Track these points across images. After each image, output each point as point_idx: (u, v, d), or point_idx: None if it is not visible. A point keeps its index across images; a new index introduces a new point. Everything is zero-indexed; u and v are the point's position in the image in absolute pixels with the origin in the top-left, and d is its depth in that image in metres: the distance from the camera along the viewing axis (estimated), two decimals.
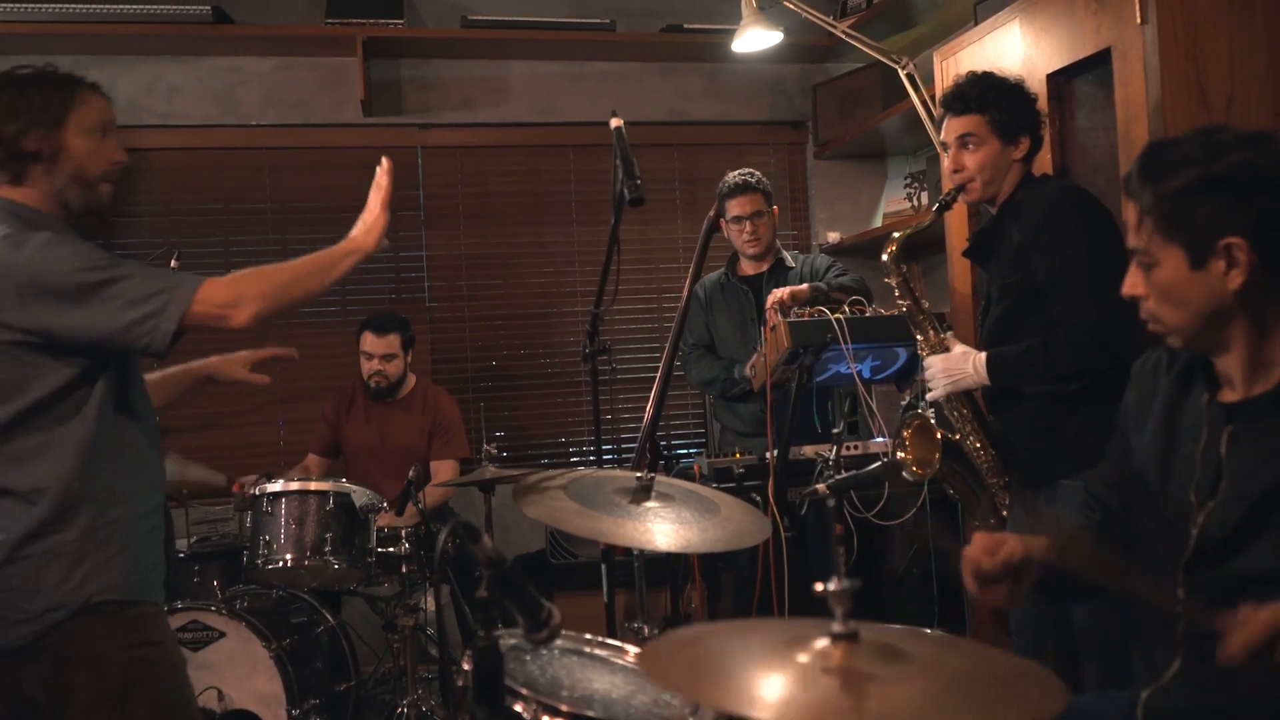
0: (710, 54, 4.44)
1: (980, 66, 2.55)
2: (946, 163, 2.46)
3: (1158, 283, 1.45)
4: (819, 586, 0.90)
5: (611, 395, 4.52)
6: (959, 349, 2.40)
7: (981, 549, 1.48)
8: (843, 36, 3.50)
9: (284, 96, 4.33)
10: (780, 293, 3.12)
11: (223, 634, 2.96)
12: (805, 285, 3.22)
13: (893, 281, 2.46)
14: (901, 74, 3.41)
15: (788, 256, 3.58)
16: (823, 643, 0.92)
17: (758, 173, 3.51)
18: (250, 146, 4.33)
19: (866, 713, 0.81)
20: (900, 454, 2.45)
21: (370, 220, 2.02)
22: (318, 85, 4.33)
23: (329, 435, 3.90)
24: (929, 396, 2.44)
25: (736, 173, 3.49)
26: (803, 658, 0.91)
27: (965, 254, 2.61)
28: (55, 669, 1.83)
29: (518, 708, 1.26)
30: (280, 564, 3.00)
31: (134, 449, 1.97)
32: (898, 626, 1.29)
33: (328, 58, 4.29)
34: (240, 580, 3.25)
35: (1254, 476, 1.40)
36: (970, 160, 2.38)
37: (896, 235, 2.47)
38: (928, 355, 2.44)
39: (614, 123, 2.17)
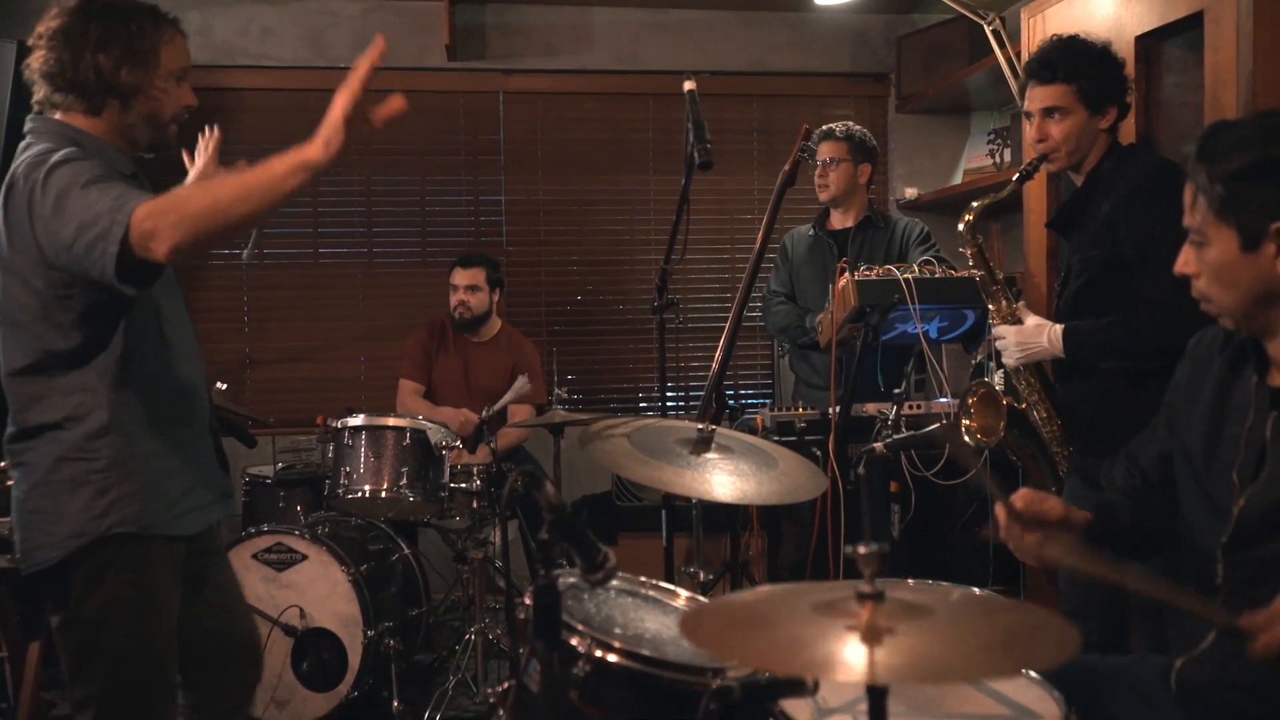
0: (793, 3, 4.40)
1: (1069, 26, 2.50)
2: (1030, 131, 2.39)
3: (1209, 262, 1.46)
4: (848, 549, 0.97)
5: (679, 345, 4.58)
6: (1032, 320, 2.38)
7: (1022, 497, 1.52)
8: None
9: (371, 39, 4.38)
10: None
11: (305, 556, 3.14)
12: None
13: (968, 252, 2.45)
14: (987, 30, 3.35)
15: (876, 216, 3.58)
16: (850, 601, 0.99)
17: (851, 125, 3.52)
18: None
19: (879, 662, 0.88)
20: (965, 421, 2.45)
21: (327, 128, 1.69)
22: (404, 29, 4.40)
23: (425, 364, 4.01)
24: (1003, 362, 2.44)
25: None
26: (830, 616, 0.98)
27: (1049, 225, 2.57)
28: (62, 593, 1.87)
29: (573, 642, 1.34)
30: (360, 494, 3.15)
31: (169, 381, 1.95)
32: (944, 584, 1.35)
33: (414, 2, 4.35)
34: (322, 507, 3.43)
35: None
36: (1056, 130, 2.32)
37: (975, 205, 2.43)
38: (999, 325, 2.43)
39: (687, 86, 2.18)
